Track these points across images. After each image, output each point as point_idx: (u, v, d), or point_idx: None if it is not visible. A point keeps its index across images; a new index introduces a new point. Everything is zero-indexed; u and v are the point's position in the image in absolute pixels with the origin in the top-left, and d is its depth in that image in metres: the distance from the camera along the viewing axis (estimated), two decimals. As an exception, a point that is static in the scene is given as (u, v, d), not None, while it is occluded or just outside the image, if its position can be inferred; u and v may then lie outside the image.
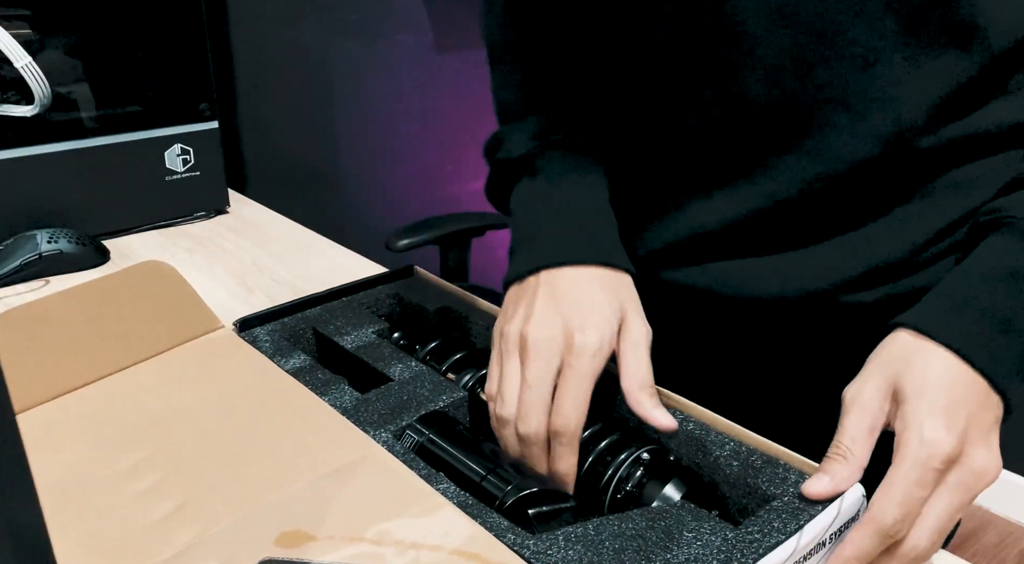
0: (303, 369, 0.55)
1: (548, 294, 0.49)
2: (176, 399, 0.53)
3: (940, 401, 0.41)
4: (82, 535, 0.41)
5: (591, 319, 0.47)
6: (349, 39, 1.45)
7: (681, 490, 0.45)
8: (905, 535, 0.40)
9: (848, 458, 0.42)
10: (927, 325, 0.44)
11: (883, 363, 0.44)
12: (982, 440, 0.42)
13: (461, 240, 1.36)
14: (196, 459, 0.46)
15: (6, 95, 0.80)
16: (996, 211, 0.49)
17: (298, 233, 0.96)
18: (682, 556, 0.39)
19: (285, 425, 0.49)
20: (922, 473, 0.40)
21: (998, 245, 0.47)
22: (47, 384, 0.53)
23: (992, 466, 0.41)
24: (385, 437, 0.47)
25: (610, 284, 0.50)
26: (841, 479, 0.41)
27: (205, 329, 0.60)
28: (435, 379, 0.53)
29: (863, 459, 0.42)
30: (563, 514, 0.43)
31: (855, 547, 0.40)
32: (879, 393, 0.43)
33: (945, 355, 0.43)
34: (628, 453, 0.47)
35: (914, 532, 0.40)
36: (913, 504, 0.40)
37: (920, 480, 0.40)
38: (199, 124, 0.95)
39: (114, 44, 0.88)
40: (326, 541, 0.39)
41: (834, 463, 0.42)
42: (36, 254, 0.80)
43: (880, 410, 0.43)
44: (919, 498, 0.40)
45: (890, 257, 0.54)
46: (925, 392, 0.42)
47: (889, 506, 0.40)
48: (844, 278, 0.55)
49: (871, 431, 0.43)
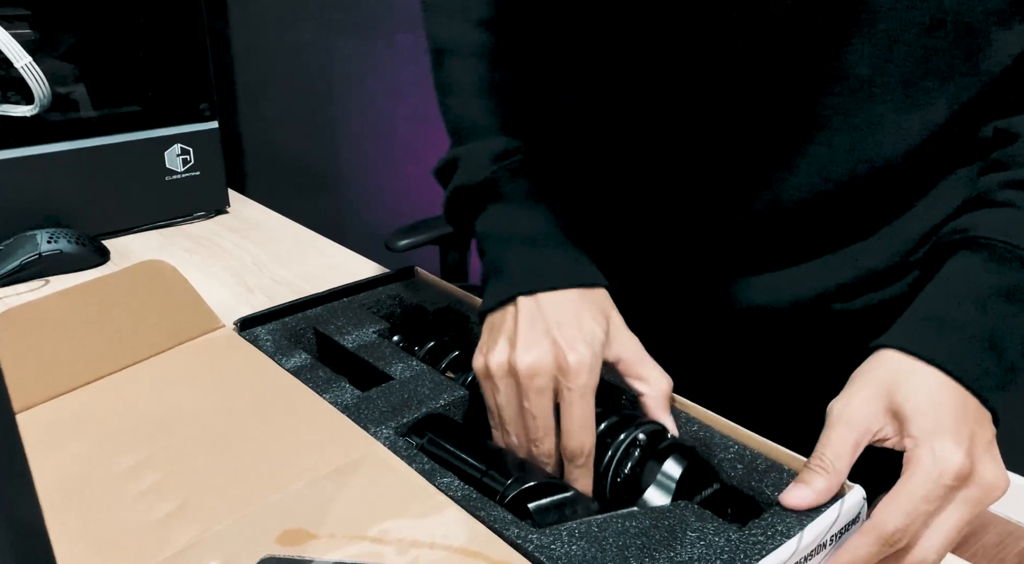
0: (304, 368, 0.55)
1: (529, 319, 0.48)
2: (177, 399, 0.52)
3: (945, 419, 0.42)
4: (82, 535, 0.41)
5: (579, 336, 0.47)
6: (349, 39, 1.45)
7: (681, 465, 0.45)
8: (912, 548, 0.41)
9: (830, 472, 0.42)
10: (913, 345, 0.44)
11: (871, 380, 0.44)
12: (988, 456, 0.42)
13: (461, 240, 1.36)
14: (197, 458, 0.46)
15: (6, 95, 0.80)
16: (964, 230, 0.49)
17: (298, 233, 0.96)
18: (685, 555, 0.39)
19: (286, 424, 0.49)
20: (932, 488, 0.40)
21: (974, 265, 0.47)
22: (47, 384, 0.53)
23: (1001, 481, 0.42)
24: (387, 434, 0.47)
25: (590, 299, 0.50)
26: (821, 492, 0.42)
27: (206, 329, 0.60)
28: (436, 378, 0.53)
29: (843, 474, 0.42)
30: (564, 506, 0.43)
31: (852, 553, 0.41)
32: (867, 410, 0.43)
33: (935, 373, 0.43)
34: (626, 434, 0.47)
35: (922, 544, 0.41)
36: (917, 516, 0.40)
37: (928, 495, 0.40)
38: (199, 124, 0.95)
39: (114, 44, 0.88)
40: (327, 540, 0.39)
41: (815, 475, 0.42)
42: (36, 254, 0.80)
43: (867, 428, 0.43)
44: (924, 512, 0.40)
45: (879, 265, 0.55)
46: (927, 410, 0.42)
47: (892, 516, 0.40)
48: (834, 287, 0.55)
49: (855, 447, 0.43)
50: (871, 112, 0.49)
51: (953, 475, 0.40)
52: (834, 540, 0.42)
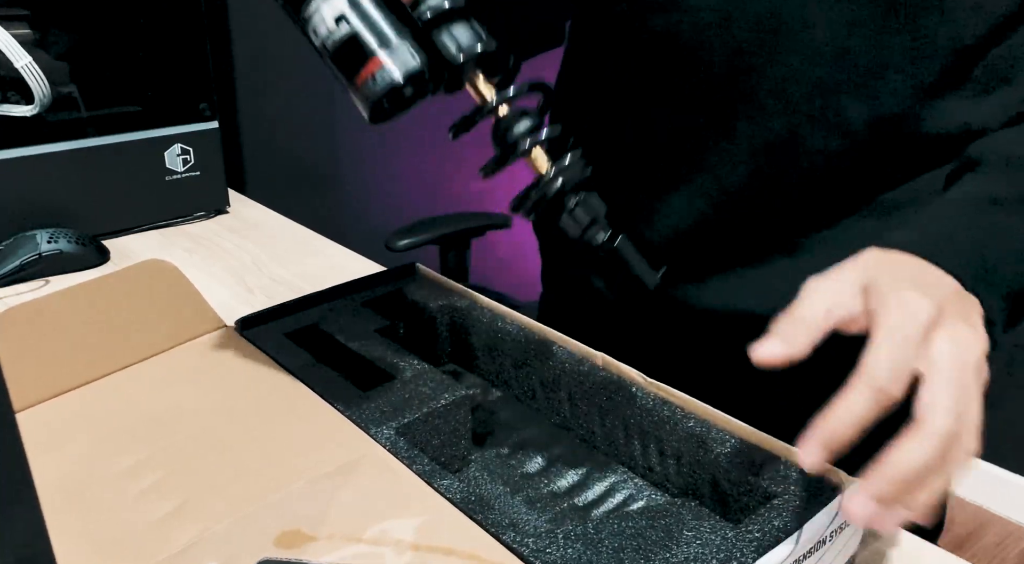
0: (305, 367, 0.55)
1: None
2: (177, 398, 0.53)
3: (917, 280, 0.41)
4: (82, 534, 0.41)
5: None
6: (349, 39, 1.45)
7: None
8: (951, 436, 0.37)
9: (799, 322, 0.40)
10: (894, 241, 0.44)
11: (850, 263, 0.43)
12: (960, 316, 0.40)
13: (461, 240, 1.36)
14: (197, 458, 0.46)
15: (6, 95, 0.80)
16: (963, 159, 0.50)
17: (298, 233, 0.96)
18: (682, 555, 0.39)
19: (286, 425, 0.49)
20: (907, 331, 0.38)
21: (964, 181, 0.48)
22: (47, 383, 0.53)
23: (975, 341, 0.39)
24: (387, 434, 0.47)
25: None
26: (787, 337, 0.39)
27: (207, 328, 0.60)
28: (437, 377, 0.53)
29: (813, 329, 0.40)
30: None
31: (847, 403, 0.37)
32: (842, 280, 0.42)
33: (915, 259, 0.43)
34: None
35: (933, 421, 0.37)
36: (903, 361, 0.38)
37: (906, 339, 0.38)
38: (199, 124, 0.95)
39: (114, 44, 0.88)
40: (325, 541, 0.39)
41: (786, 325, 0.40)
42: (36, 254, 0.80)
43: (838, 298, 0.41)
44: (907, 357, 0.38)
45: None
46: (899, 277, 0.41)
47: (879, 362, 0.37)
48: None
49: (827, 313, 0.40)
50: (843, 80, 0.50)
51: (922, 321, 0.38)
52: (833, 536, 0.42)
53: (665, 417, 0.49)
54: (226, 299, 0.77)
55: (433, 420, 0.50)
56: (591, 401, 0.52)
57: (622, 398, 0.51)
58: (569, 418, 0.55)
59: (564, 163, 0.45)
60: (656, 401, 0.50)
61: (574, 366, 0.54)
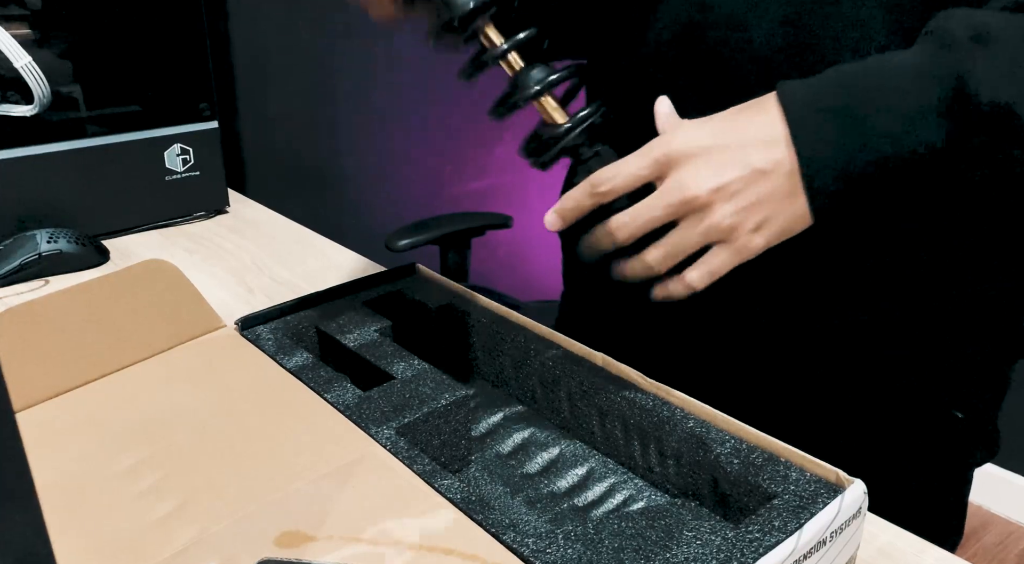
0: (305, 367, 0.55)
1: None
2: (177, 398, 0.52)
3: (722, 153, 0.44)
4: (82, 535, 0.41)
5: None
6: (349, 39, 1.45)
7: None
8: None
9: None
10: (783, 90, 0.46)
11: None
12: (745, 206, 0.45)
13: (461, 240, 1.36)
14: (197, 458, 0.46)
15: (6, 95, 0.80)
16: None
17: (298, 233, 0.96)
18: (682, 555, 0.39)
19: (286, 425, 0.49)
20: (666, 209, 0.44)
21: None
22: (47, 383, 0.53)
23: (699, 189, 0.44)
24: (387, 435, 0.47)
25: None
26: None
27: (207, 328, 0.60)
28: (437, 377, 0.53)
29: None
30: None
31: (570, 196, 0.45)
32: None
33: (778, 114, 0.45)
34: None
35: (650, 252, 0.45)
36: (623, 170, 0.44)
37: (656, 206, 0.44)
38: (199, 124, 0.95)
39: (114, 44, 0.88)
40: (325, 541, 0.39)
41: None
42: (36, 254, 0.80)
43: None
44: (649, 209, 0.44)
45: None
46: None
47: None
48: (838, 305, 0.56)
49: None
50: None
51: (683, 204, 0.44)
52: (834, 536, 0.42)
53: (665, 417, 0.49)
54: (226, 299, 0.77)
55: (433, 420, 0.50)
56: (591, 401, 0.52)
57: (622, 398, 0.51)
58: (569, 418, 0.55)
59: (581, 113, 0.45)
60: (656, 401, 0.50)
61: (574, 366, 0.54)
